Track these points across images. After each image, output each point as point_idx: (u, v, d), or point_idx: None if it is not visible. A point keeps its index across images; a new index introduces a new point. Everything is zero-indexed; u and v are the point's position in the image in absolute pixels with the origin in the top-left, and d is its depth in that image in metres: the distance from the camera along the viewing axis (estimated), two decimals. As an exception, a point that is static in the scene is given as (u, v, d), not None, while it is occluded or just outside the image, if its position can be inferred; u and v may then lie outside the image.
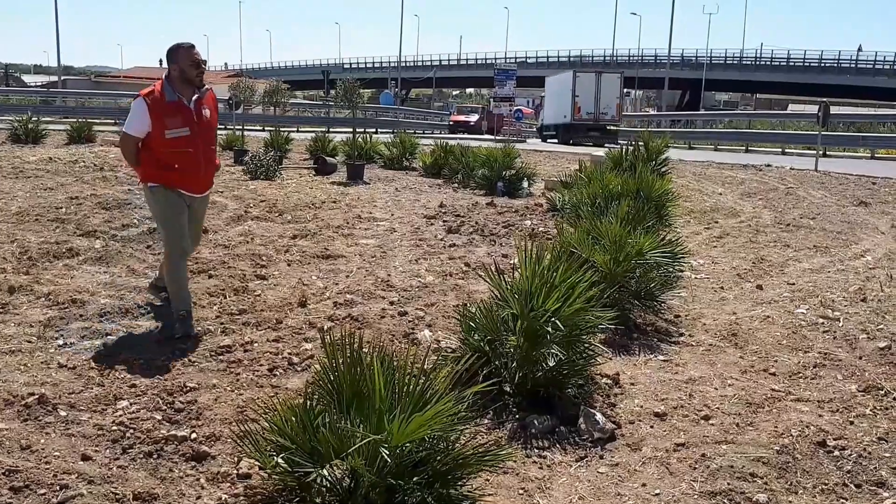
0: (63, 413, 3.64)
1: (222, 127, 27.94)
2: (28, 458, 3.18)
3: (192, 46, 4.92)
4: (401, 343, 4.88)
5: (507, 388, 4.06)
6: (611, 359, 4.81)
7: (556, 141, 32.98)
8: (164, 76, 4.90)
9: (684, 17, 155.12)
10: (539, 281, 4.16)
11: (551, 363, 4.09)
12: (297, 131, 27.47)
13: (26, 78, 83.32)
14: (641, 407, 4.13)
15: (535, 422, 3.83)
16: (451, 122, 43.36)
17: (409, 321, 5.39)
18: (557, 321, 3.98)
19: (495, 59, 69.16)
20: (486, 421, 3.83)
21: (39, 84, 61.22)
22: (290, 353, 4.62)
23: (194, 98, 4.93)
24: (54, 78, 57.72)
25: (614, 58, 67.86)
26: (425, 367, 2.99)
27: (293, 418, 2.73)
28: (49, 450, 3.28)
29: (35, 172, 12.81)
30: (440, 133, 37.00)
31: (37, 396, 3.74)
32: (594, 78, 32.16)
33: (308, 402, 2.80)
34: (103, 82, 64.93)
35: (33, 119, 19.36)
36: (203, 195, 5.25)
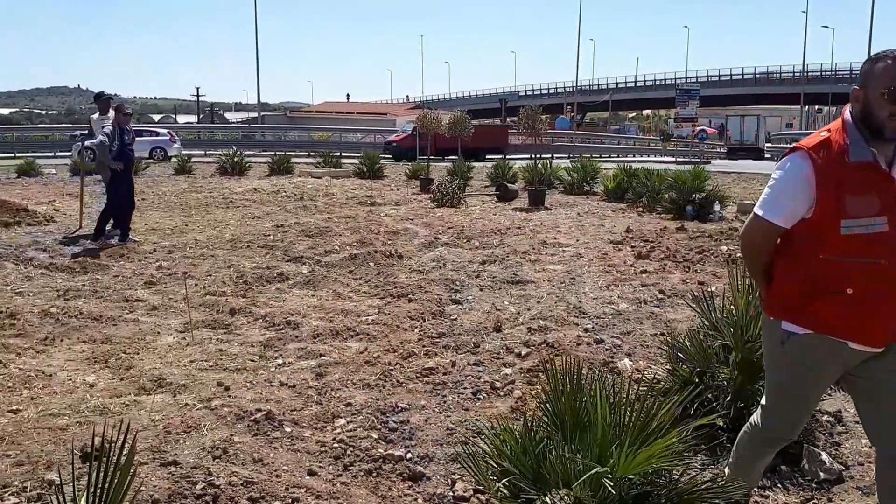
0: (288, 429, 3.90)
1: (492, 158, 29.25)
2: (261, 471, 3.43)
3: None
4: (600, 371, 4.79)
5: (721, 423, 3.86)
6: (830, 395, 4.44)
7: None
8: (843, 115, 2.54)
9: (883, 28, 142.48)
10: (754, 310, 3.93)
11: (768, 398, 3.84)
12: (475, 159, 28.13)
13: (228, 115, 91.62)
14: (871, 447, 3.76)
15: (754, 460, 3.60)
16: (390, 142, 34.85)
17: (607, 349, 5.28)
18: (777, 353, 3.73)
19: (675, 79, 67.12)
20: (699, 456, 3.65)
21: (240, 120, 67.03)
22: (491, 378, 4.68)
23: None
24: (253, 114, 62.91)
25: (804, 73, 63.12)
26: (630, 397, 2.92)
27: (514, 443, 2.74)
28: (278, 463, 3.51)
29: (243, 202, 13.99)
30: (618, 156, 36.30)
31: (264, 413, 4.04)
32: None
33: (530, 428, 2.80)
34: (296, 117, 69.87)
35: (238, 153, 21.20)
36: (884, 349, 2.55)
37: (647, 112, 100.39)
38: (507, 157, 25.54)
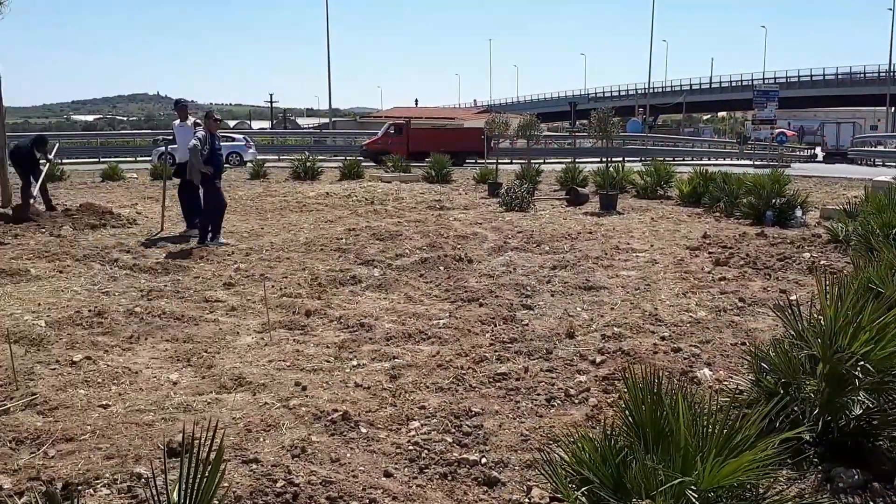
0: (364, 430, 3.94)
1: (472, 162, 29.28)
2: (338, 471, 3.47)
3: None
4: (679, 381, 4.68)
5: (807, 437, 3.72)
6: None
7: None
8: None
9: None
10: (843, 320, 3.78)
11: (858, 411, 3.69)
12: (544, 163, 27.95)
13: (300, 121, 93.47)
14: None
15: (843, 475, 3.46)
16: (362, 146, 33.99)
17: (685, 358, 5.16)
18: (868, 365, 3.58)
19: (752, 80, 65.26)
20: (784, 471, 3.52)
21: (312, 126, 68.30)
22: (565, 385, 4.63)
23: None
24: (324, 120, 64.02)
25: (890, 73, 60.26)
26: (711, 408, 2.85)
27: (593, 452, 2.71)
28: (355, 464, 3.55)
29: (316, 206, 14.25)
30: (692, 160, 35.49)
31: (340, 413, 4.10)
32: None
33: (609, 437, 2.76)
34: (366, 122, 70.76)
35: (310, 158, 21.60)
36: None
37: (722, 114, 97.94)
38: (576, 160, 25.33)
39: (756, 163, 29.80)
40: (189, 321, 6.07)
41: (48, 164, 12.77)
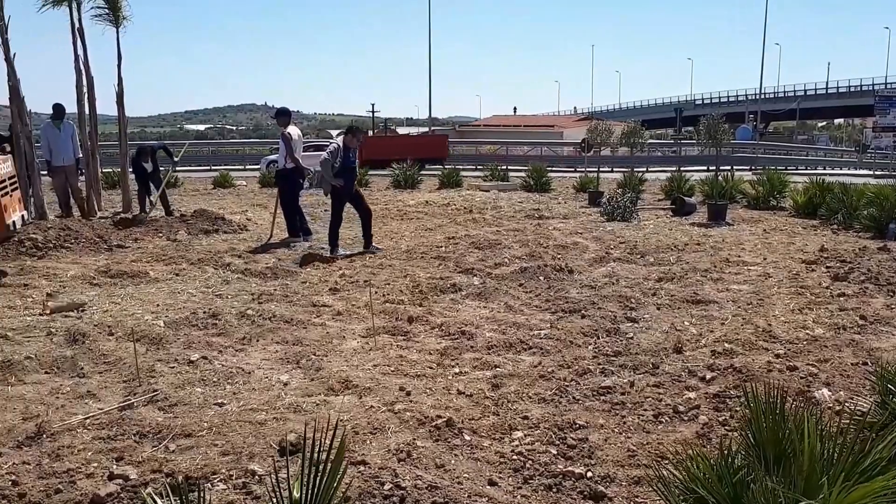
0: (467, 437, 3.96)
1: (571, 169, 28.95)
2: (443, 477, 3.50)
3: None
4: (795, 401, 4.47)
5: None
6: None
7: None
8: None
9: None
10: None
11: None
12: (647, 171, 27.32)
13: (400, 130, 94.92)
14: None
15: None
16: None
17: (802, 377, 4.92)
18: None
19: (872, 84, 61.87)
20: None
21: (411, 135, 69.25)
22: (673, 401, 4.50)
23: None
24: (424, 129, 64.80)
25: None
26: (833, 429, 2.70)
27: (708, 470, 2.62)
28: (459, 471, 3.57)
29: (416, 214, 14.43)
30: (806, 169, 33.90)
31: (444, 419, 4.12)
32: None
33: (726, 456, 2.66)
34: (465, 131, 71.23)
35: (410, 167, 21.89)
36: None
37: (839, 121, 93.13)
38: (680, 168, 24.62)
39: (876, 173, 28.16)
40: (298, 324, 6.27)
41: (169, 171, 13.45)
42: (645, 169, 28.50)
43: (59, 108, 12.81)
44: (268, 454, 3.68)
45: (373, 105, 79.15)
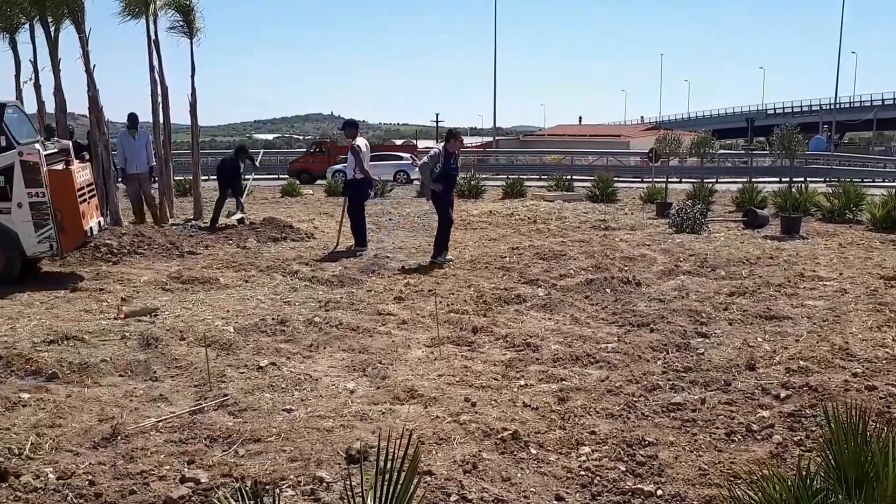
0: (533, 451, 3.91)
1: (638, 179, 28.48)
2: (510, 490, 3.46)
3: None
4: (876, 422, 4.27)
5: None
6: None
7: None
8: None
9: None
10: None
11: None
12: (717, 182, 26.68)
13: (464, 139, 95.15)
14: None
15: None
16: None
17: (882, 397, 4.71)
18: None
19: (956, 93, 59.22)
20: None
21: (474, 145, 69.43)
22: (746, 419, 4.36)
23: None
24: (488, 139, 64.84)
25: None
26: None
27: (786, 492, 2.51)
28: (526, 485, 3.52)
29: (479, 224, 14.40)
30: (884, 181, 32.60)
31: (510, 432, 4.08)
32: None
33: (804, 478, 2.56)
34: (529, 141, 70.94)
35: (473, 176, 21.90)
36: None
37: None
38: (751, 179, 23.95)
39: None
40: (363, 332, 6.32)
41: (252, 172, 13.60)
42: (715, 180, 27.87)
43: (133, 118, 13.29)
44: (335, 461, 3.71)
45: (437, 115, 79.51)
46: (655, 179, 20.12)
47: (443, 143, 10.26)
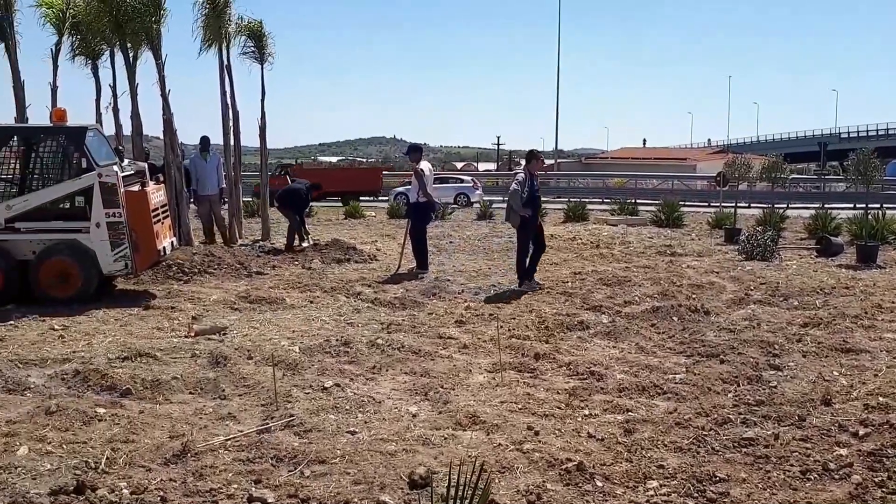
0: (599, 483, 3.83)
1: (705, 204, 27.90)
2: (576, 523, 3.39)
3: None
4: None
5: None
6: None
7: None
8: None
9: None
10: None
11: None
12: (788, 207, 25.95)
13: (524, 163, 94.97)
14: None
15: None
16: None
17: (971, 438, 4.46)
18: None
19: None
20: None
21: (537, 168, 69.23)
22: (822, 457, 4.19)
23: None
24: (549, 161, 64.58)
25: None
26: None
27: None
28: (593, 518, 3.45)
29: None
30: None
31: (575, 463, 4.02)
32: None
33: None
34: (591, 163, 70.40)
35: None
36: None
37: None
38: (824, 205, 23.19)
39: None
40: (425, 356, 6.33)
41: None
42: (785, 205, 27.07)
43: (205, 141, 13.71)
44: (398, 486, 3.71)
45: (498, 137, 79.92)
46: (723, 204, 19.67)
47: (524, 165, 10.16)
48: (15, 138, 9.02)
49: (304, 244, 13.11)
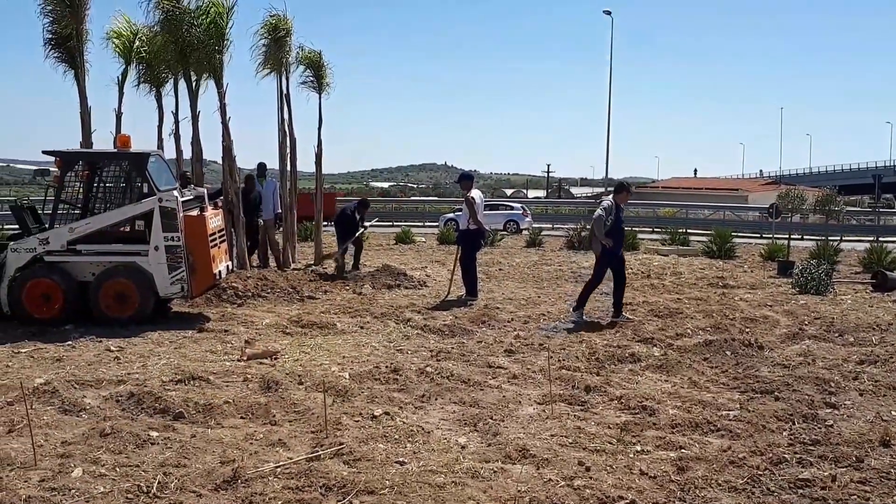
0: (650, 522, 3.78)
1: (757, 235, 27.37)
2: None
3: None
4: None
5: None
6: None
7: None
8: None
9: None
10: None
11: None
12: (842, 240, 25.29)
13: (573, 190, 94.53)
14: None
15: None
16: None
17: None
18: None
19: None
20: None
21: (585, 195, 68.90)
22: (882, 501, 4.07)
23: None
24: (598, 189, 64.19)
25: None
26: None
27: None
28: (642, 558, 3.40)
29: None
30: None
31: (627, 501, 3.98)
32: None
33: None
34: (642, 193, 69.65)
35: (584, 228, 21.67)
36: None
37: None
38: (878, 239, 22.54)
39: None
40: (475, 385, 6.34)
41: (362, 231, 14.09)
42: (839, 238, 26.42)
43: (262, 167, 14.01)
44: (448, 520, 3.71)
45: (548, 165, 79.88)
46: (776, 235, 19.29)
47: (612, 195, 10.12)
48: (80, 163, 9.37)
49: (335, 263, 13.19)
